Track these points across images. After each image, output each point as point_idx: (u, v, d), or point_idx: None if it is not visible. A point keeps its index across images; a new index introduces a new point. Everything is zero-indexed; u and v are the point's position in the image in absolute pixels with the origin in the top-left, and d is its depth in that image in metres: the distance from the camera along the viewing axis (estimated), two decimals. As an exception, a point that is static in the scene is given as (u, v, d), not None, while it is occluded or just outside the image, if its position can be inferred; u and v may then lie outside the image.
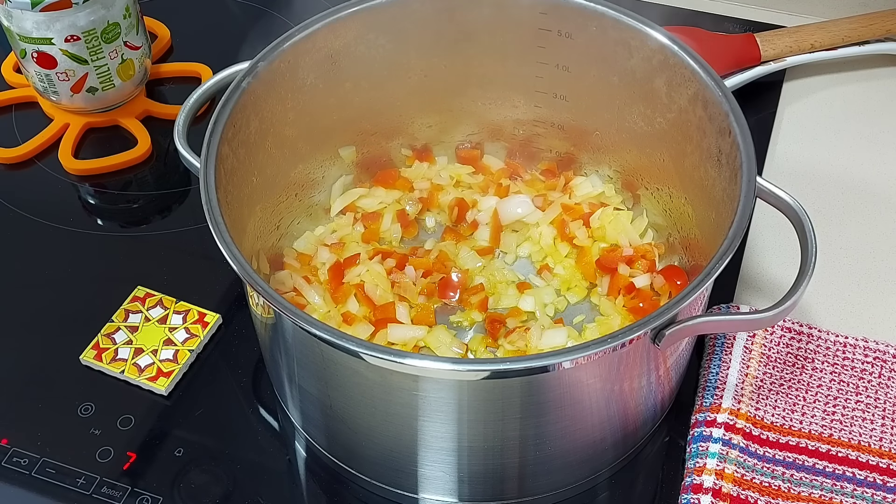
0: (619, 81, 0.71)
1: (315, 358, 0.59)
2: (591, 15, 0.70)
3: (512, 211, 0.77)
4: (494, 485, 0.63)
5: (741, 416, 0.66)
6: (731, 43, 0.90)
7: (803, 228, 0.59)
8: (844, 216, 0.82)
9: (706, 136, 0.65)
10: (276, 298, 0.54)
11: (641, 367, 0.59)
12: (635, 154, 0.74)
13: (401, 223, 0.77)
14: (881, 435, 0.66)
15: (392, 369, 0.53)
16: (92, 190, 0.85)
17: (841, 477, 0.64)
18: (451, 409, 0.57)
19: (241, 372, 0.72)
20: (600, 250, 0.75)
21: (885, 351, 0.70)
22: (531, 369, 0.53)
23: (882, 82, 0.93)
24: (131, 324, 0.73)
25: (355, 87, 0.74)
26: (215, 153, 0.61)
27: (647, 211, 0.76)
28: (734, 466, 0.63)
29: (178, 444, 0.67)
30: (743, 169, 0.60)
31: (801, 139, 0.88)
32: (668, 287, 0.71)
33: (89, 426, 0.68)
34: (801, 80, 0.93)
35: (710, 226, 0.65)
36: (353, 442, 0.64)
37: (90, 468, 0.66)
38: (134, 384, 0.70)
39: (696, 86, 0.66)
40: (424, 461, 0.61)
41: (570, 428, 0.59)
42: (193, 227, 0.80)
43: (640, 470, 0.67)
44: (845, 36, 0.91)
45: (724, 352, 0.69)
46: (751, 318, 0.58)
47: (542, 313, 0.72)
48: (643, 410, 0.64)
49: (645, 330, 0.54)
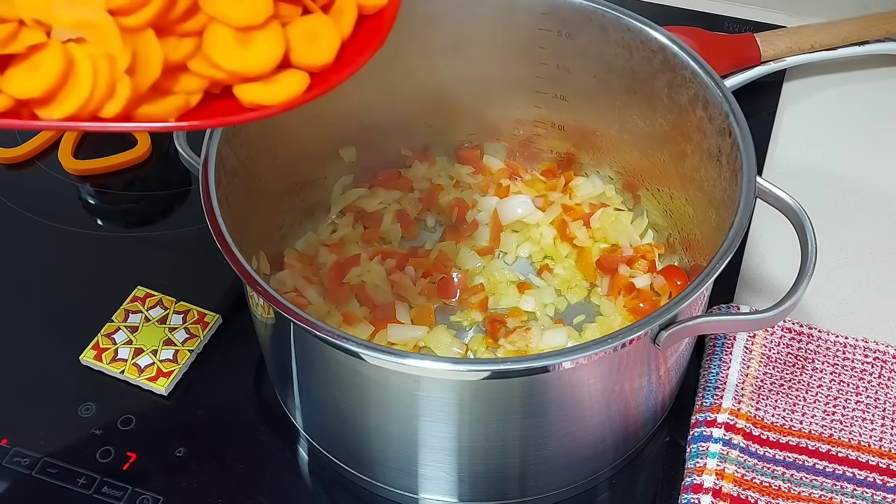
0: (619, 82, 0.71)
1: (315, 358, 0.59)
2: (592, 15, 0.70)
3: (512, 211, 0.77)
4: (495, 485, 0.63)
5: (741, 416, 0.66)
6: (731, 43, 0.90)
7: (803, 229, 0.59)
8: (844, 216, 0.82)
9: (706, 137, 0.65)
10: (276, 298, 0.54)
11: (642, 368, 0.59)
12: (636, 154, 0.74)
13: (401, 223, 0.77)
14: (881, 435, 0.66)
15: (392, 369, 0.53)
16: (92, 190, 0.85)
17: (841, 477, 0.64)
18: (451, 409, 0.57)
19: (242, 372, 0.72)
20: (600, 250, 0.75)
21: (885, 351, 0.70)
22: (531, 369, 0.53)
23: (882, 82, 0.93)
24: (131, 324, 0.73)
25: (356, 87, 0.74)
26: (215, 153, 0.61)
27: (648, 211, 0.76)
28: (734, 466, 0.63)
29: (179, 444, 0.67)
30: (743, 169, 0.60)
31: (801, 139, 0.88)
32: (668, 287, 0.71)
33: (89, 426, 0.68)
34: (801, 80, 0.93)
35: (711, 226, 0.65)
36: (354, 442, 0.64)
37: (90, 468, 0.66)
38: (134, 384, 0.70)
39: (696, 86, 0.66)
40: (425, 461, 0.61)
41: (571, 428, 0.59)
42: (194, 227, 0.80)
43: (640, 470, 0.67)
44: (845, 36, 0.91)
45: (725, 352, 0.69)
46: (751, 319, 0.58)
47: (542, 313, 0.72)
48: (643, 410, 0.64)
49: (645, 330, 0.54)
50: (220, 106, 0.47)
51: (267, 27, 0.46)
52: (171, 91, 0.46)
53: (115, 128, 0.45)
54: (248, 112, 0.46)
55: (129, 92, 0.44)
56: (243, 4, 0.46)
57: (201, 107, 0.47)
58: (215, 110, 0.47)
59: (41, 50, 0.44)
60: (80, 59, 0.44)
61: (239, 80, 0.46)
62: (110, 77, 0.44)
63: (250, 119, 0.47)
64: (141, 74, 0.44)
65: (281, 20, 0.47)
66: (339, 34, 0.49)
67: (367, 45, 0.49)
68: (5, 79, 0.44)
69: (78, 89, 0.44)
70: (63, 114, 0.44)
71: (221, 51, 0.46)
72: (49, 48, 0.44)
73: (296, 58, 0.47)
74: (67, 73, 0.44)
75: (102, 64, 0.44)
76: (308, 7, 0.48)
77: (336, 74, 0.48)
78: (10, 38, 0.44)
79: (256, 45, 0.46)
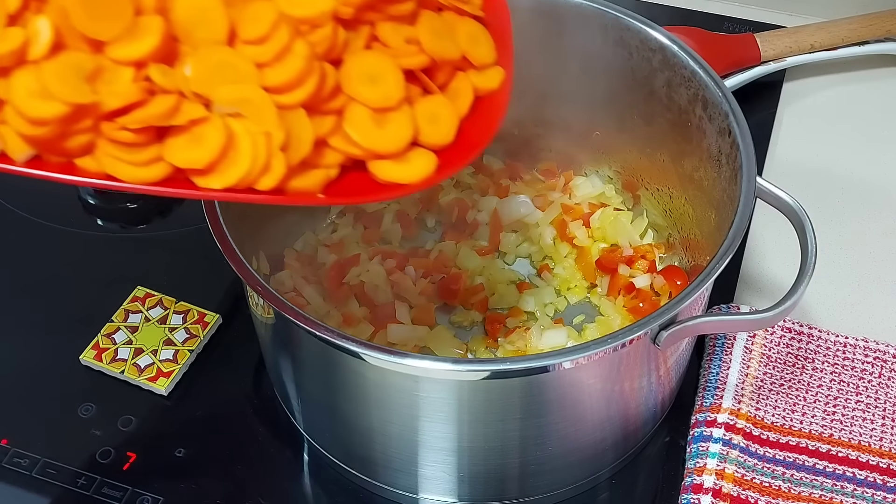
0: (619, 81, 0.71)
1: (315, 358, 0.59)
2: (591, 15, 0.70)
3: (512, 211, 0.77)
4: (495, 485, 0.63)
5: (741, 416, 0.66)
6: (731, 43, 0.90)
7: (803, 228, 0.59)
8: (844, 216, 0.82)
9: (706, 137, 0.65)
10: (276, 298, 0.54)
11: (642, 368, 0.59)
12: (635, 154, 0.74)
13: (401, 223, 0.77)
14: (881, 435, 0.66)
15: (392, 369, 0.53)
16: (92, 190, 0.85)
17: (841, 477, 0.64)
18: (451, 409, 0.57)
19: (242, 372, 0.72)
20: (600, 250, 0.75)
21: (885, 351, 0.70)
22: (531, 369, 0.53)
23: (882, 82, 0.93)
24: (131, 324, 0.73)
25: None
26: (215, 153, 0.61)
27: (648, 211, 0.76)
28: (734, 466, 0.63)
29: (179, 445, 0.67)
30: (743, 169, 0.60)
31: (801, 139, 0.88)
32: (668, 287, 0.71)
33: (89, 426, 0.68)
34: (801, 80, 0.93)
35: (711, 226, 0.65)
36: (354, 442, 0.64)
37: (90, 468, 0.66)
38: (134, 384, 0.70)
39: (695, 86, 0.66)
40: (424, 461, 0.61)
41: (571, 428, 0.59)
42: (193, 227, 0.80)
43: (640, 470, 0.67)
44: (845, 36, 0.91)
45: (725, 352, 0.69)
46: (751, 319, 0.58)
47: (542, 313, 0.72)
48: (643, 411, 0.64)
49: (645, 330, 0.54)
50: (354, 178, 0.50)
51: (399, 109, 0.50)
52: (315, 165, 0.48)
53: (268, 199, 0.47)
54: (391, 190, 0.49)
55: (283, 167, 0.47)
56: (380, 87, 0.49)
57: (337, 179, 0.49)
58: (352, 184, 0.49)
59: (202, 123, 0.46)
60: (240, 135, 0.46)
61: (373, 156, 0.49)
62: (267, 152, 0.46)
63: (394, 196, 0.50)
64: (293, 150, 0.47)
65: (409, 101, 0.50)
66: (458, 115, 0.52)
67: (485, 128, 0.53)
68: (166, 148, 0.46)
69: (238, 163, 0.46)
70: (222, 185, 0.46)
71: (360, 129, 0.49)
72: (211, 122, 0.46)
73: (422, 137, 0.50)
74: (228, 147, 0.46)
75: (260, 140, 0.46)
76: (428, 88, 0.51)
77: (463, 156, 0.51)
78: (174, 111, 0.46)
79: (390, 125, 0.49)
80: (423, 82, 0.51)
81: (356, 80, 0.49)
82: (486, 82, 0.53)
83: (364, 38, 0.50)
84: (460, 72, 0.53)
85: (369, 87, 0.49)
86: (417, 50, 0.51)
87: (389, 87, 0.49)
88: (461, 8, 0.54)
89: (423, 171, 0.50)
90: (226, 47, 0.47)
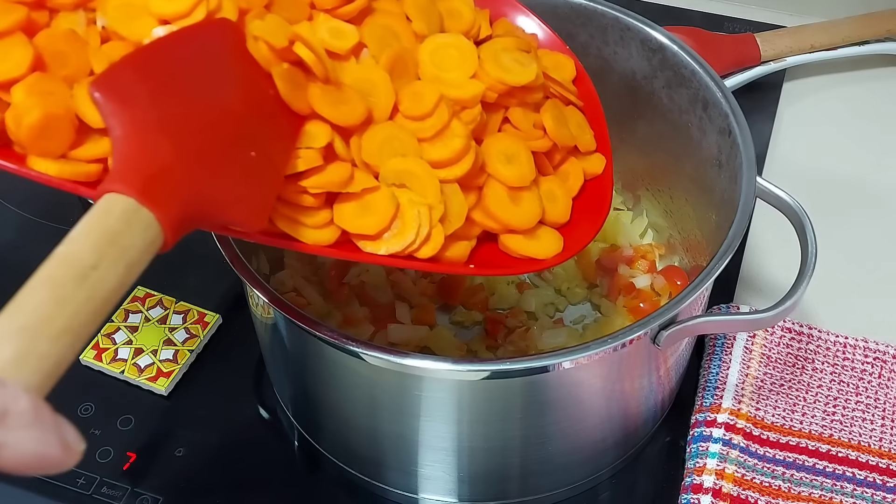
0: (618, 81, 0.71)
1: (315, 358, 0.59)
2: (591, 15, 0.70)
3: (512, 211, 0.77)
4: (495, 485, 0.63)
5: (741, 416, 0.66)
6: (731, 43, 0.90)
7: (803, 229, 0.59)
8: (844, 216, 0.82)
9: (706, 137, 0.65)
10: (276, 298, 0.54)
11: (642, 368, 0.59)
12: (635, 154, 0.74)
13: (401, 223, 0.77)
14: (881, 435, 0.66)
15: (392, 369, 0.53)
16: (92, 190, 0.85)
17: (841, 477, 0.64)
18: (451, 409, 0.57)
19: (242, 372, 0.72)
20: (600, 250, 0.75)
21: (885, 351, 0.70)
22: (531, 369, 0.53)
23: (882, 82, 0.93)
24: (131, 324, 0.73)
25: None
26: (216, 153, 0.61)
27: (648, 211, 0.76)
28: (734, 466, 0.63)
29: (179, 444, 0.67)
30: (743, 169, 0.60)
31: (801, 139, 0.88)
32: (668, 287, 0.71)
33: (89, 426, 0.68)
34: (801, 80, 0.93)
35: (711, 226, 0.65)
36: (354, 442, 0.64)
37: (90, 468, 0.66)
38: (134, 384, 0.70)
39: (696, 86, 0.66)
40: (424, 461, 0.61)
41: (571, 428, 0.59)
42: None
43: (640, 470, 0.67)
44: (845, 36, 0.91)
45: (725, 352, 0.69)
46: (751, 319, 0.58)
47: (542, 313, 0.72)
48: (643, 410, 0.64)
49: (645, 330, 0.54)
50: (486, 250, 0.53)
51: (531, 188, 0.54)
52: (463, 237, 0.52)
53: (425, 266, 0.50)
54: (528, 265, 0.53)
55: (442, 238, 0.50)
56: (516, 168, 0.53)
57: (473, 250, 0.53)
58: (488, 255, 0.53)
59: (372, 192, 0.49)
60: (405, 206, 0.49)
61: (506, 230, 0.53)
62: (430, 224, 0.49)
63: (531, 271, 0.55)
64: (449, 222, 0.50)
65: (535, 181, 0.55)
66: (570, 195, 0.56)
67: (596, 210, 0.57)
68: (337, 213, 0.49)
69: (405, 233, 0.49)
70: (387, 251, 0.49)
71: (500, 206, 0.52)
72: (381, 192, 0.49)
73: (545, 215, 0.54)
74: (394, 217, 0.49)
75: (423, 211, 0.49)
76: (545, 171, 0.56)
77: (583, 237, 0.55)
78: (350, 179, 0.49)
79: (524, 203, 0.53)
80: (541, 164, 0.55)
81: (495, 160, 0.53)
82: (591, 167, 0.58)
83: (499, 120, 0.55)
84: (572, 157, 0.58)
85: (506, 167, 0.53)
86: (542, 134, 0.56)
87: (523, 167, 0.53)
88: (568, 97, 0.59)
89: (554, 248, 0.53)
90: (391, 122, 0.51)
